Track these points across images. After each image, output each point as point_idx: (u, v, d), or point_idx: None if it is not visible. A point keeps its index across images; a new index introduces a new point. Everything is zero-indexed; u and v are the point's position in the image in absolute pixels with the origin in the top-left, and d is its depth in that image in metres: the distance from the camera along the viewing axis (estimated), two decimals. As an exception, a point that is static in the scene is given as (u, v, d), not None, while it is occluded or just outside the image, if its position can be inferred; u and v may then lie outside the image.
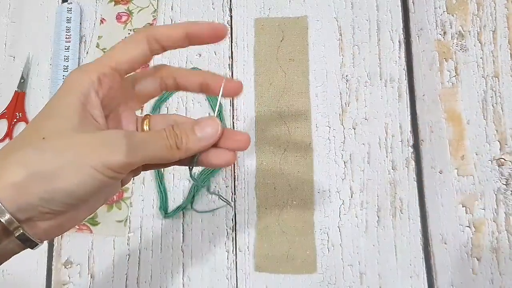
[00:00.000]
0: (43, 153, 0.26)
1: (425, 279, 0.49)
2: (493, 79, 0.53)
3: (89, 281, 0.51)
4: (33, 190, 0.25)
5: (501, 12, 0.55)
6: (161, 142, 0.29)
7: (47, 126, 0.27)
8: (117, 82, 0.30)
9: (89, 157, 0.26)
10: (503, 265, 0.48)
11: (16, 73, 0.58)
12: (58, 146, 0.26)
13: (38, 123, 0.28)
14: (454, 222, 0.50)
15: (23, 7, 0.61)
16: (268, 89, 0.55)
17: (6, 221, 0.25)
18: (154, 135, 0.30)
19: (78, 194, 0.26)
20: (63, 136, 0.27)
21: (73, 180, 0.26)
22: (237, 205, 0.52)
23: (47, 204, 0.26)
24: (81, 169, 0.26)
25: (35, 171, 0.25)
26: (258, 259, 0.51)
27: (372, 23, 0.56)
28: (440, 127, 0.53)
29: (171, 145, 0.29)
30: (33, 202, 0.25)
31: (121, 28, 0.58)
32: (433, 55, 0.54)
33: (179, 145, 0.29)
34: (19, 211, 0.25)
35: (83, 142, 0.27)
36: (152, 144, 0.29)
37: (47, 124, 0.27)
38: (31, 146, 0.26)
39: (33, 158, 0.25)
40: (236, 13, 0.58)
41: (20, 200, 0.25)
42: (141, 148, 0.28)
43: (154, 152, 0.29)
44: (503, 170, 0.51)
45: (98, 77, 0.29)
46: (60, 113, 0.28)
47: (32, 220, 0.26)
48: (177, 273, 0.51)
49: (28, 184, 0.25)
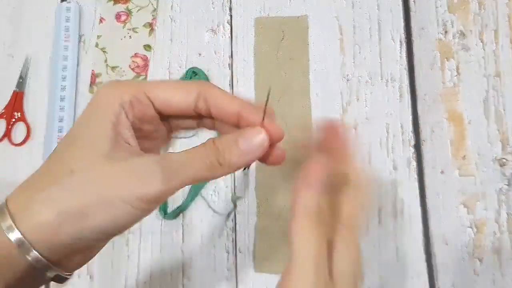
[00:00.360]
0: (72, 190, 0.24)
1: (426, 279, 0.49)
2: (494, 79, 0.53)
3: (88, 282, 0.51)
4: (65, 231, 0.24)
5: (503, 11, 0.54)
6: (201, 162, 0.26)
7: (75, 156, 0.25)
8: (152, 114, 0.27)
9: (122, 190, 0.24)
10: (504, 265, 0.48)
11: (15, 73, 0.58)
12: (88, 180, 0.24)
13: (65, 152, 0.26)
14: (456, 223, 0.50)
15: (22, 7, 0.60)
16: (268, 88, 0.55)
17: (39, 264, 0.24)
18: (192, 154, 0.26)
19: (111, 230, 0.25)
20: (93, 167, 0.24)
21: (105, 217, 0.24)
22: (237, 205, 0.52)
23: (80, 242, 0.24)
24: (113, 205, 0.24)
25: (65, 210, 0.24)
26: (258, 260, 0.50)
27: (373, 22, 0.56)
28: (441, 127, 0.52)
29: (212, 163, 0.26)
30: (65, 242, 0.24)
31: (120, 28, 0.58)
32: (434, 54, 0.54)
33: (222, 162, 0.26)
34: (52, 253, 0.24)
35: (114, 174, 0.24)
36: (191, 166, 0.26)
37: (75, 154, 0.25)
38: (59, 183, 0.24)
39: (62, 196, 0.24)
40: (236, 12, 0.58)
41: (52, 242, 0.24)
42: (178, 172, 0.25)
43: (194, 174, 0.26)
44: (505, 171, 0.50)
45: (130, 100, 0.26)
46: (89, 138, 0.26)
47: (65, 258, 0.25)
48: (177, 273, 0.51)
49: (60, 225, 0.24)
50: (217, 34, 0.57)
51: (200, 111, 0.28)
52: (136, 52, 0.57)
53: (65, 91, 0.56)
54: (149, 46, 0.57)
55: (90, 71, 0.57)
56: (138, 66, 0.57)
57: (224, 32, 0.57)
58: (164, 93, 0.27)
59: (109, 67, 0.57)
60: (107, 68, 0.57)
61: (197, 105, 0.28)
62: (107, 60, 0.57)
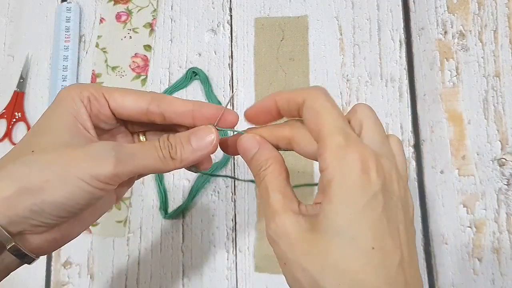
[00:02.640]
0: (31, 166, 0.26)
1: (426, 279, 0.49)
2: (494, 79, 0.53)
3: (88, 282, 0.51)
4: (22, 203, 0.25)
5: (502, 11, 0.55)
6: (153, 153, 0.28)
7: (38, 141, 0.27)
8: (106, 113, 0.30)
9: (76, 169, 0.26)
10: (504, 265, 0.48)
11: (15, 73, 0.58)
12: (46, 159, 0.26)
13: (30, 138, 0.28)
14: (455, 222, 0.50)
15: (22, 7, 0.60)
16: (268, 89, 0.55)
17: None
18: (145, 145, 0.29)
19: (67, 206, 0.26)
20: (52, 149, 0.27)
21: (61, 193, 0.26)
22: (237, 205, 0.52)
23: (38, 216, 0.26)
24: (69, 181, 0.26)
25: (24, 184, 0.25)
26: (258, 259, 0.51)
27: (372, 22, 0.56)
28: (441, 127, 0.52)
29: (165, 156, 0.28)
30: (23, 214, 0.25)
31: (120, 28, 0.58)
32: (434, 54, 0.54)
33: (173, 156, 0.29)
34: (10, 224, 0.25)
35: (71, 155, 0.27)
36: (143, 155, 0.28)
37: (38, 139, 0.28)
38: (19, 160, 0.26)
39: (22, 172, 0.26)
40: (236, 12, 0.58)
41: (10, 213, 0.25)
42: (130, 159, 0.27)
43: (145, 163, 0.28)
44: (504, 170, 0.50)
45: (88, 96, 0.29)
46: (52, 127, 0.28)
47: (24, 234, 0.26)
48: (177, 273, 0.51)
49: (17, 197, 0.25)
50: (217, 34, 0.57)
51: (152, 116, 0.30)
52: (136, 52, 0.57)
53: (65, 91, 0.56)
54: (149, 46, 0.58)
55: (91, 71, 0.57)
56: (138, 66, 0.57)
57: (224, 32, 0.57)
58: (119, 94, 0.30)
59: (110, 67, 0.57)
60: (108, 68, 0.57)
61: (150, 108, 0.29)
62: (108, 60, 0.57)
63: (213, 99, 0.55)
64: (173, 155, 0.29)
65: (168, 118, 0.30)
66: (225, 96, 0.55)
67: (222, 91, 0.55)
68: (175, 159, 0.29)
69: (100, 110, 0.29)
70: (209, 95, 0.55)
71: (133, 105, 0.29)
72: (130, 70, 0.57)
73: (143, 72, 0.57)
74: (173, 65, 0.57)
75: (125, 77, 0.57)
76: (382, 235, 0.24)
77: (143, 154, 0.28)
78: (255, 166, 0.29)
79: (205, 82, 0.55)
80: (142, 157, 0.28)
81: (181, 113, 0.30)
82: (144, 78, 0.57)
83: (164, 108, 0.30)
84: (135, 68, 0.57)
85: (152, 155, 0.28)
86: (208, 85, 0.55)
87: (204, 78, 0.55)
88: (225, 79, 0.56)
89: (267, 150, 0.29)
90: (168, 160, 0.29)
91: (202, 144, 0.29)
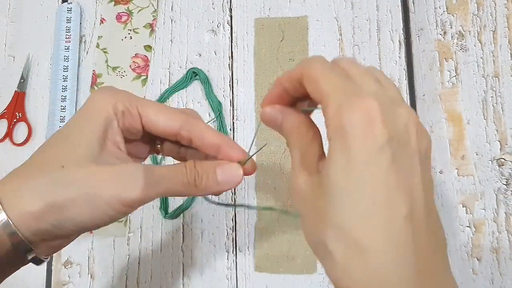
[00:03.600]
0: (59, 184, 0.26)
1: (425, 279, 0.49)
2: (493, 79, 0.53)
3: (89, 281, 0.51)
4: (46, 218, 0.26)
5: (501, 12, 0.55)
6: (180, 178, 0.28)
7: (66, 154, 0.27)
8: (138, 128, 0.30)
9: (105, 191, 0.26)
10: (503, 265, 0.48)
11: (16, 73, 0.58)
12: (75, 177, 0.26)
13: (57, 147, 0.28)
14: (454, 222, 0.50)
15: (23, 7, 0.60)
16: (268, 89, 0.55)
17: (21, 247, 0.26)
18: (173, 170, 0.29)
19: (88, 225, 0.27)
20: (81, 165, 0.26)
21: (85, 213, 0.26)
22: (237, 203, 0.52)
23: (57, 230, 0.26)
24: (95, 203, 0.26)
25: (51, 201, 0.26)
26: (258, 259, 0.51)
27: (372, 23, 0.56)
28: (440, 127, 0.53)
29: (189, 182, 0.28)
30: (45, 228, 0.26)
31: (121, 28, 0.58)
32: (433, 55, 0.54)
33: (198, 184, 0.29)
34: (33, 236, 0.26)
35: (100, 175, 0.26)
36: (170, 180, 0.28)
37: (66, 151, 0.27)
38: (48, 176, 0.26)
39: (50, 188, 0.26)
40: (236, 13, 0.58)
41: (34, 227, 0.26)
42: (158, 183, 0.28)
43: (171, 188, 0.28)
44: (504, 170, 0.51)
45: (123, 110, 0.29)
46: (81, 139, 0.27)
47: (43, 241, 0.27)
48: (177, 273, 0.51)
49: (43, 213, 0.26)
50: (217, 34, 0.57)
51: (182, 140, 0.30)
52: (136, 52, 0.58)
53: (66, 92, 0.56)
54: (150, 46, 0.58)
55: (91, 71, 0.57)
56: (138, 66, 0.57)
57: (224, 32, 0.57)
58: (154, 112, 0.29)
59: (110, 67, 0.57)
60: (108, 68, 0.57)
61: (180, 133, 0.30)
62: (108, 60, 0.58)
63: (213, 100, 0.55)
64: (198, 183, 0.29)
65: (195, 144, 0.30)
66: (225, 97, 0.55)
67: (222, 91, 0.56)
68: (198, 187, 0.29)
69: (132, 124, 0.29)
70: (209, 95, 0.55)
71: (166, 125, 0.30)
72: (131, 70, 0.57)
73: (144, 72, 0.57)
74: (173, 66, 0.57)
75: (125, 77, 0.57)
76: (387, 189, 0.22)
77: (170, 177, 0.28)
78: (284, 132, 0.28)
79: (205, 82, 0.55)
80: (168, 182, 0.28)
81: (208, 145, 0.30)
82: (144, 78, 0.57)
83: (194, 135, 0.30)
84: (135, 69, 0.57)
85: (178, 180, 0.28)
86: (208, 86, 0.55)
87: (204, 78, 0.55)
88: (225, 80, 0.56)
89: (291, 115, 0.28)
90: (191, 187, 0.29)
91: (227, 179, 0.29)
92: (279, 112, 0.28)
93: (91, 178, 0.26)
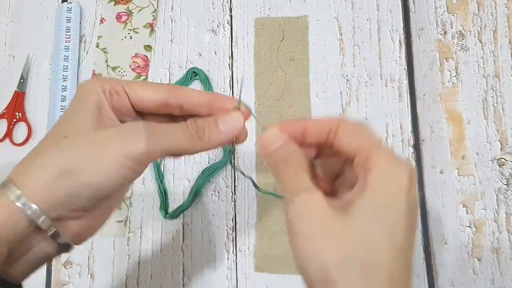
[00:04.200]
0: (66, 151, 0.27)
1: (426, 279, 0.49)
2: (493, 79, 0.53)
3: (89, 282, 0.51)
4: (60, 187, 0.26)
5: (502, 11, 0.55)
6: (182, 132, 0.29)
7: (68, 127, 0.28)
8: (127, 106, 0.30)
9: (110, 149, 0.27)
10: (503, 265, 0.48)
11: (16, 73, 0.58)
12: (80, 142, 0.27)
13: (59, 126, 0.29)
14: (455, 222, 0.50)
15: (22, 7, 0.60)
16: (268, 89, 0.55)
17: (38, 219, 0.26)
18: (175, 126, 0.30)
19: (102, 188, 0.27)
20: (83, 132, 0.27)
21: (97, 174, 0.26)
22: (237, 205, 0.52)
23: (74, 200, 0.26)
24: (103, 162, 0.26)
25: (61, 169, 0.26)
26: (258, 259, 0.51)
27: (372, 23, 0.56)
28: (440, 127, 0.52)
29: (192, 135, 0.29)
30: (62, 198, 0.26)
31: (121, 28, 0.58)
32: (433, 55, 0.54)
33: (201, 136, 0.29)
34: (50, 209, 0.26)
35: (103, 137, 0.27)
36: (173, 133, 0.29)
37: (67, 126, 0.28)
38: (54, 145, 0.27)
39: (58, 157, 0.26)
40: (236, 13, 0.58)
41: (50, 199, 0.26)
42: (161, 137, 0.28)
43: (175, 142, 0.29)
44: (504, 170, 0.51)
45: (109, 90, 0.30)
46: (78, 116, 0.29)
47: (63, 220, 0.27)
48: (177, 273, 0.51)
49: (55, 182, 0.26)
50: (217, 34, 0.57)
51: (171, 107, 0.31)
52: (136, 52, 0.57)
53: (66, 91, 0.56)
54: (150, 46, 0.58)
55: (91, 71, 0.57)
56: (138, 66, 0.57)
57: (224, 32, 0.57)
58: (140, 88, 0.30)
59: (110, 67, 0.57)
60: (108, 68, 0.57)
61: (168, 101, 0.30)
62: (108, 60, 0.58)
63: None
64: (201, 135, 0.29)
65: (186, 109, 0.31)
66: (225, 96, 0.55)
67: (222, 91, 0.56)
68: (202, 140, 0.29)
69: (120, 103, 0.30)
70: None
71: (152, 97, 0.30)
72: (131, 70, 0.57)
73: (144, 72, 0.57)
74: (173, 65, 0.57)
75: (125, 77, 0.57)
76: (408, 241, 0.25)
77: (173, 132, 0.29)
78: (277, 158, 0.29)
79: (205, 82, 0.55)
80: (172, 135, 0.29)
81: (198, 103, 0.31)
82: (144, 78, 0.57)
83: (182, 100, 0.31)
84: (135, 68, 0.57)
85: (181, 134, 0.29)
86: (208, 85, 0.55)
87: (204, 78, 0.55)
88: (225, 79, 0.56)
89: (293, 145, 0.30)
90: (195, 140, 0.29)
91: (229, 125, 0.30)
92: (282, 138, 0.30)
93: (95, 141, 0.27)
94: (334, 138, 0.29)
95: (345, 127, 0.29)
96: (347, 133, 0.29)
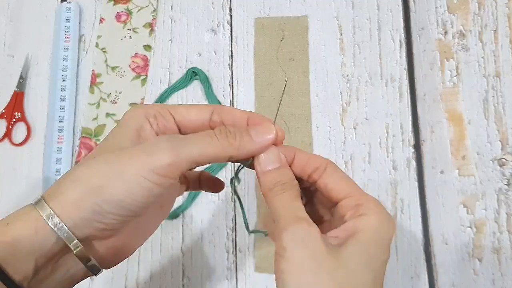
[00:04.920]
0: (92, 168, 0.27)
1: (426, 279, 0.49)
2: (494, 79, 0.53)
3: (88, 281, 0.51)
4: (85, 204, 0.26)
5: (502, 11, 0.55)
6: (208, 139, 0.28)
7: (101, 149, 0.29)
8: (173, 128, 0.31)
9: (134, 163, 0.26)
10: (504, 265, 0.48)
11: (15, 73, 0.58)
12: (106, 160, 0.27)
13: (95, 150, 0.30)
14: (455, 223, 0.50)
15: (22, 7, 0.60)
16: (268, 89, 0.55)
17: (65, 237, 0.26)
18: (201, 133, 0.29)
19: (127, 204, 0.27)
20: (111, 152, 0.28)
21: (120, 189, 0.26)
22: (237, 205, 0.52)
23: (100, 217, 0.26)
24: (127, 177, 0.26)
25: (85, 185, 0.26)
26: (258, 259, 0.50)
27: (372, 22, 0.56)
28: (441, 127, 0.52)
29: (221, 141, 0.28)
30: (87, 216, 0.26)
31: (120, 28, 0.58)
32: (434, 54, 0.54)
33: (232, 141, 0.29)
34: (75, 228, 0.26)
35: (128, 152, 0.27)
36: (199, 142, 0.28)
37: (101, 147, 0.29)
38: (83, 165, 0.27)
39: (83, 175, 0.27)
40: (236, 12, 0.58)
41: (75, 216, 0.26)
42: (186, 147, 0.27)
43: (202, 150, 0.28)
44: (505, 170, 0.50)
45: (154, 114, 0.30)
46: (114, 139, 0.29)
47: (89, 240, 0.27)
48: (177, 273, 0.51)
49: (80, 199, 0.26)
50: (217, 34, 0.57)
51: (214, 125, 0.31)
52: (136, 52, 0.57)
53: (65, 91, 0.56)
54: (149, 46, 0.57)
55: (90, 71, 0.57)
56: (138, 66, 0.57)
57: (224, 32, 0.57)
58: (183, 108, 0.31)
59: (109, 67, 0.57)
60: (107, 68, 0.57)
61: (212, 118, 0.31)
62: (107, 60, 0.57)
63: (213, 99, 0.55)
64: (231, 140, 0.29)
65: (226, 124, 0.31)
66: (225, 96, 0.55)
67: (222, 91, 0.55)
68: (233, 145, 0.28)
69: (166, 125, 0.30)
70: (209, 95, 0.55)
71: (197, 117, 0.31)
72: (130, 70, 0.57)
73: (143, 72, 0.57)
74: (173, 65, 0.57)
75: (125, 77, 0.57)
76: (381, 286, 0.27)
77: (198, 140, 0.28)
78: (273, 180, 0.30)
79: (205, 82, 0.55)
80: (198, 144, 0.28)
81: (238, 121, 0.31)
82: (144, 78, 0.56)
83: (224, 117, 0.31)
84: (135, 68, 0.57)
85: (208, 141, 0.28)
86: (208, 85, 0.55)
87: (204, 78, 0.55)
88: (225, 79, 0.56)
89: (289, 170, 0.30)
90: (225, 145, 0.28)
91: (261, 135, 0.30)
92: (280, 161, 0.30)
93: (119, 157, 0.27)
94: (320, 177, 0.30)
95: (333, 170, 0.30)
96: (335, 176, 0.30)
